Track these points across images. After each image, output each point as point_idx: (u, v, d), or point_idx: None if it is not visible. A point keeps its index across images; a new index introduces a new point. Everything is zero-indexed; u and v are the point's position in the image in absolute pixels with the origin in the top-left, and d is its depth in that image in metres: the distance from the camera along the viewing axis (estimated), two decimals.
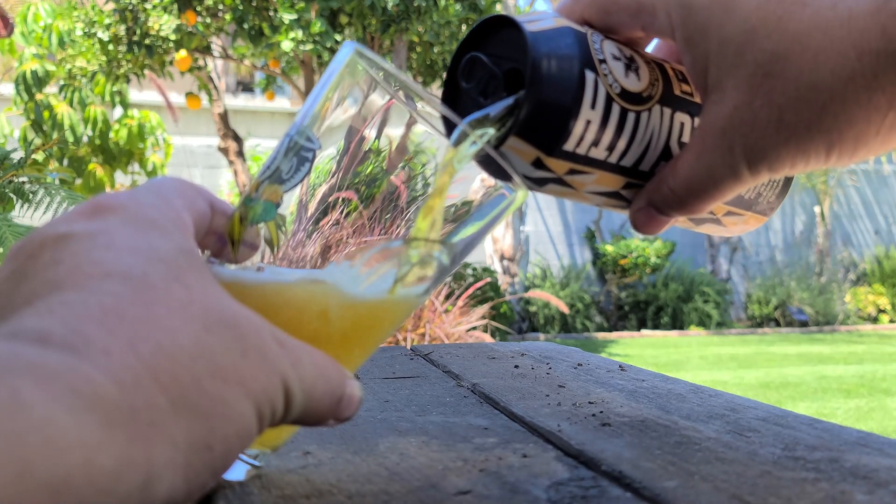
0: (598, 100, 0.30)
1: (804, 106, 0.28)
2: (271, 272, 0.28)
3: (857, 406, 3.87)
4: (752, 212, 0.36)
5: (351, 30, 4.63)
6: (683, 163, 0.31)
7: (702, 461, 0.31)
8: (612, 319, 8.25)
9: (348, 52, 0.28)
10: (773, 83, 0.28)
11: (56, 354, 0.18)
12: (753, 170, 0.30)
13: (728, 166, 0.30)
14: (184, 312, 0.20)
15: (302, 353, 0.23)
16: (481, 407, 0.43)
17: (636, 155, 0.32)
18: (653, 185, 0.33)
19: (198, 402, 0.19)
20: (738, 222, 0.36)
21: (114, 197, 0.24)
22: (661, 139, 0.33)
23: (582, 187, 0.33)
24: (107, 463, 0.17)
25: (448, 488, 0.28)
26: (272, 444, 0.30)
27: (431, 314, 3.92)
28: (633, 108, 0.31)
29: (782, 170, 0.30)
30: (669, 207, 0.32)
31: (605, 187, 0.33)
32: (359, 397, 0.26)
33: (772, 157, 0.29)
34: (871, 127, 0.27)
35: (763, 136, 0.29)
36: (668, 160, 0.33)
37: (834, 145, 0.28)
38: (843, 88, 0.27)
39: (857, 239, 9.66)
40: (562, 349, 0.66)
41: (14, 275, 0.21)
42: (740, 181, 0.30)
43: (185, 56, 5.01)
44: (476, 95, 0.33)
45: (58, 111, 5.14)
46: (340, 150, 0.28)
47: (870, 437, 0.34)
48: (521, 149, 0.31)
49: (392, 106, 0.28)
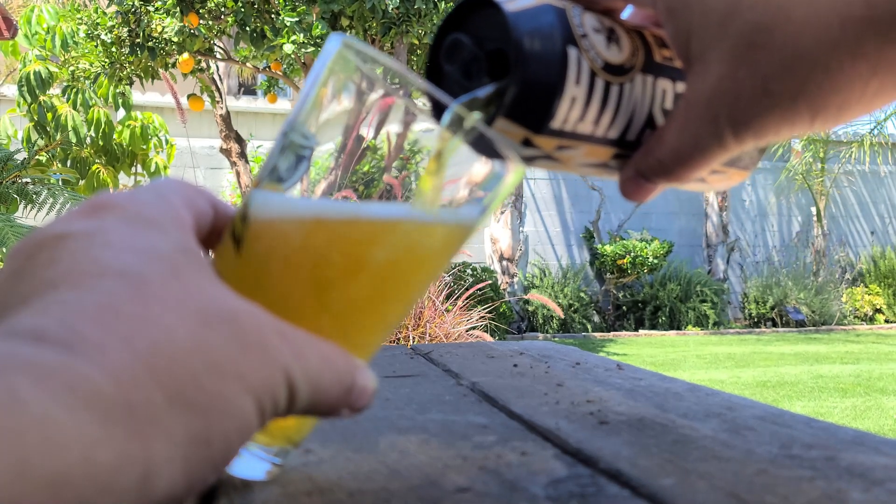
0: (581, 76, 0.31)
1: (788, 75, 0.28)
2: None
3: (854, 405, 3.88)
4: (736, 168, 0.36)
5: (352, 32, 4.63)
6: (669, 133, 0.32)
7: (699, 459, 0.31)
8: (610, 319, 8.26)
9: (336, 45, 0.27)
10: (757, 54, 0.28)
11: (52, 352, 0.18)
12: (738, 138, 0.30)
13: (713, 136, 0.30)
14: (181, 309, 0.20)
15: (306, 345, 0.23)
16: (480, 405, 0.43)
17: (621, 126, 0.33)
18: (640, 155, 0.33)
19: (196, 397, 0.19)
20: (721, 179, 0.37)
21: (112, 196, 0.24)
22: (645, 108, 0.33)
23: (570, 161, 0.33)
24: (105, 459, 0.17)
25: (447, 486, 0.28)
26: (293, 439, 0.30)
27: (431, 314, 3.93)
28: (616, 79, 0.32)
29: (767, 137, 0.30)
30: (657, 176, 0.33)
31: (593, 159, 0.34)
32: (373, 387, 0.26)
33: (756, 126, 0.29)
34: (854, 93, 0.28)
35: (748, 106, 0.29)
36: (652, 128, 0.33)
37: (818, 112, 0.29)
38: (827, 57, 0.27)
39: (854, 239, 9.68)
40: (560, 348, 0.66)
41: (13, 274, 0.21)
42: (726, 149, 0.31)
43: (188, 58, 5.01)
44: (459, 77, 0.33)
45: (61, 113, 5.13)
46: (339, 146, 0.28)
47: (866, 436, 0.35)
48: (508, 129, 0.31)
49: (388, 99, 0.27)
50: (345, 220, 0.27)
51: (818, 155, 9.35)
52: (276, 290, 0.27)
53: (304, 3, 4.46)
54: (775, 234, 9.47)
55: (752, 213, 9.45)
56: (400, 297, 0.29)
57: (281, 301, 0.27)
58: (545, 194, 8.66)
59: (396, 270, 0.27)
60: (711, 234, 8.85)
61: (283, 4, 4.48)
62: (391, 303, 0.28)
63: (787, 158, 9.59)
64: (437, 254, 0.28)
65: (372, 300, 0.27)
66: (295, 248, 0.27)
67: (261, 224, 0.27)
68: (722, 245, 8.84)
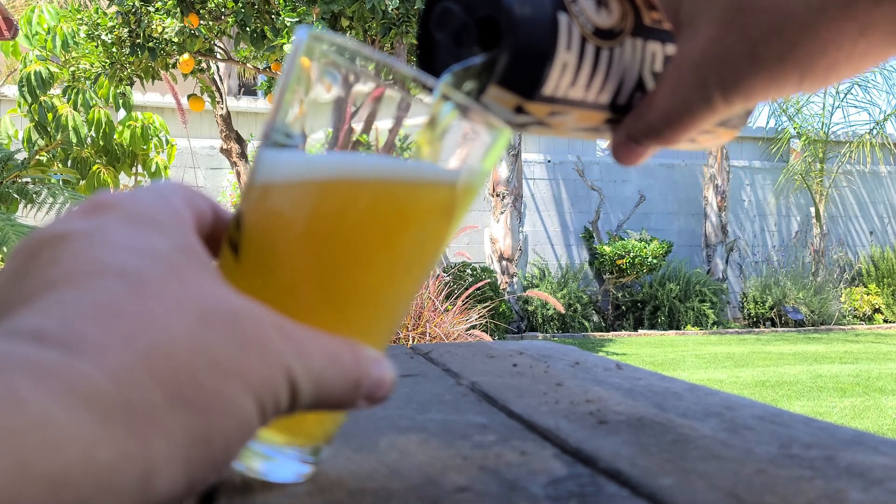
0: (572, 41, 0.31)
1: (777, 38, 0.28)
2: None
3: (853, 405, 3.88)
4: (725, 128, 0.36)
5: (352, 33, 4.63)
6: (659, 97, 0.32)
7: (698, 459, 0.31)
8: (610, 319, 8.26)
9: (303, 39, 0.27)
10: (746, 17, 0.29)
11: (52, 352, 0.18)
12: (728, 101, 0.30)
13: (703, 99, 0.31)
14: (180, 308, 0.20)
15: (308, 342, 0.23)
16: (480, 405, 0.43)
17: (612, 90, 0.33)
18: (631, 119, 0.34)
19: (195, 396, 0.19)
20: (711, 139, 0.37)
21: (112, 196, 0.24)
22: (635, 71, 0.33)
23: (562, 126, 0.33)
24: (105, 458, 0.17)
25: (447, 485, 0.28)
26: (325, 436, 0.30)
27: (431, 313, 3.93)
28: (607, 44, 0.32)
29: (756, 99, 0.31)
30: (648, 139, 0.33)
31: (585, 124, 0.34)
32: (391, 377, 0.25)
33: (745, 89, 0.30)
34: (842, 54, 0.28)
35: (737, 70, 0.29)
36: (643, 91, 0.33)
37: (806, 74, 0.29)
38: (815, 19, 0.27)
39: (853, 239, 9.69)
40: (559, 348, 0.66)
41: (14, 274, 0.21)
42: (715, 112, 0.31)
43: (189, 59, 5.01)
44: (450, 45, 0.33)
45: (61, 113, 5.13)
46: (329, 138, 0.28)
47: (865, 436, 0.35)
48: (501, 97, 0.31)
49: (369, 85, 0.27)
50: (338, 177, 0.26)
51: (817, 155, 9.35)
52: (280, 276, 0.27)
53: (304, 4, 4.46)
54: (774, 234, 9.48)
55: (752, 214, 9.45)
56: (408, 269, 0.28)
57: (286, 290, 0.26)
58: (545, 194, 8.67)
59: (400, 232, 0.27)
60: (710, 234, 8.86)
61: (284, 5, 4.48)
62: (397, 276, 0.28)
63: (786, 158, 9.59)
64: (433, 214, 0.28)
65: (374, 268, 0.27)
66: (293, 216, 0.26)
67: (259, 197, 0.27)
68: (721, 245, 8.84)
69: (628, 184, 8.94)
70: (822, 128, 9.48)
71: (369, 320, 0.28)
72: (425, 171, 0.28)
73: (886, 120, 9.38)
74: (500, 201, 7.70)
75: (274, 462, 0.28)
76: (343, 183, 0.26)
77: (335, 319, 0.27)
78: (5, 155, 1.90)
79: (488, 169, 0.29)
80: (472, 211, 5.33)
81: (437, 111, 0.27)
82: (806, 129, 9.47)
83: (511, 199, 7.71)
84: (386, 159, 0.28)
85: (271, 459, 0.28)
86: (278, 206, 0.27)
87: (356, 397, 0.25)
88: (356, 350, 0.25)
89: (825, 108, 9.55)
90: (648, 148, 0.33)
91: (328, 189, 0.26)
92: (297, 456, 0.29)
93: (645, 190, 8.93)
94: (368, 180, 0.26)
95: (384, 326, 0.29)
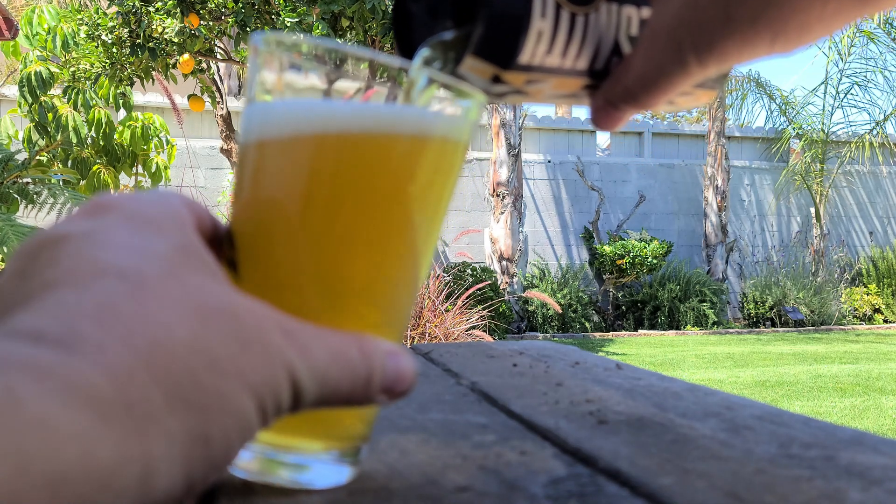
0: (547, 9, 0.31)
1: (749, 0, 0.29)
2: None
3: (853, 405, 3.88)
4: (703, 89, 0.37)
5: (352, 33, 4.63)
6: (635, 62, 0.32)
7: (698, 459, 0.31)
8: (610, 319, 8.26)
9: (257, 47, 0.27)
10: None
11: (50, 351, 0.18)
12: (702, 64, 0.31)
13: (677, 62, 0.31)
14: (179, 307, 0.21)
15: (312, 339, 0.23)
16: (480, 405, 0.43)
17: (589, 56, 0.33)
18: (608, 84, 0.34)
19: (194, 395, 0.19)
20: (690, 100, 0.37)
21: (112, 197, 0.24)
22: (611, 36, 0.33)
23: (540, 93, 0.34)
24: (104, 457, 0.17)
25: (447, 485, 0.28)
26: (361, 436, 0.29)
27: (431, 314, 3.93)
28: (582, 9, 0.32)
29: (730, 61, 0.31)
30: (625, 103, 0.33)
31: (563, 90, 0.34)
32: (410, 371, 0.25)
33: (719, 51, 0.30)
34: (813, 14, 0.28)
35: (710, 33, 0.30)
36: (619, 56, 0.34)
37: (778, 35, 0.29)
38: None
39: (853, 239, 9.69)
40: (559, 348, 0.66)
41: (14, 276, 0.22)
42: (690, 75, 0.31)
43: (189, 59, 5.01)
44: (426, 17, 0.33)
45: (62, 113, 5.14)
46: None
47: (864, 436, 0.35)
48: (478, 67, 0.31)
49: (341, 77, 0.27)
50: (324, 129, 0.26)
51: (817, 155, 9.35)
52: (279, 262, 0.26)
53: (304, 4, 4.46)
54: (774, 234, 9.48)
55: (752, 214, 9.45)
56: (403, 234, 0.27)
57: (287, 282, 0.26)
58: (545, 194, 8.67)
59: (390, 182, 0.26)
60: (710, 235, 8.86)
61: (284, 5, 4.48)
62: (395, 243, 0.27)
63: (786, 158, 9.59)
64: (419, 165, 0.27)
65: (372, 230, 0.26)
66: (282, 174, 0.26)
67: (246, 159, 0.27)
68: (721, 245, 8.84)
69: (628, 184, 8.94)
70: (822, 128, 9.48)
71: (376, 302, 0.27)
72: (406, 115, 0.27)
73: (886, 120, 9.38)
74: (501, 201, 7.70)
75: (314, 470, 0.28)
76: (331, 136, 0.26)
77: (339, 308, 0.27)
78: (6, 155, 1.90)
79: (473, 118, 0.29)
80: (472, 211, 5.32)
81: (414, 84, 0.27)
82: (806, 129, 9.48)
83: (511, 199, 7.71)
84: (372, 106, 0.28)
85: (308, 468, 0.28)
86: (268, 165, 0.27)
87: (369, 393, 0.24)
88: (366, 344, 0.24)
89: (825, 108, 9.56)
90: (626, 112, 0.34)
91: (314, 143, 0.26)
92: (338, 459, 0.28)
93: (645, 190, 8.93)
94: (353, 132, 0.26)
95: (391, 311, 0.28)
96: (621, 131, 9.30)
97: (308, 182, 0.26)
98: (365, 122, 0.26)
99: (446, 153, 0.28)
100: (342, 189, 0.26)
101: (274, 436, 0.27)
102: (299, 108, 0.27)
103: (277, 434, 0.27)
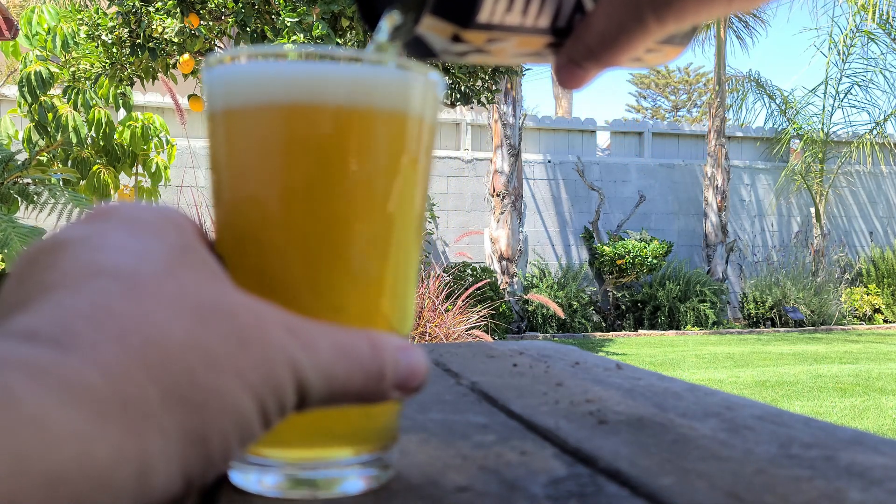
0: None
1: None
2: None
3: (853, 405, 3.88)
4: (671, 45, 0.36)
5: (352, 33, 4.64)
6: (596, 20, 0.32)
7: (698, 459, 0.31)
8: (610, 319, 8.26)
9: (210, 71, 0.28)
10: None
11: (45, 350, 0.18)
12: (661, 21, 0.31)
13: (636, 20, 0.31)
14: (176, 306, 0.21)
15: (317, 336, 0.23)
16: (480, 405, 0.43)
17: (550, 13, 0.32)
18: (571, 42, 0.34)
19: (190, 393, 0.19)
20: (657, 57, 0.37)
21: (112, 205, 0.25)
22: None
23: (503, 53, 0.33)
24: (101, 455, 0.17)
25: (447, 485, 0.28)
26: (391, 436, 0.29)
27: (431, 314, 3.93)
28: None
29: (688, 19, 0.31)
30: (588, 62, 0.33)
31: (526, 49, 0.34)
32: (422, 366, 0.24)
33: (676, 9, 0.30)
34: None
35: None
36: (582, 13, 0.33)
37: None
38: None
39: (853, 239, 9.69)
40: (559, 348, 0.66)
41: (15, 280, 0.22)
42: (649, 33, 0.31)
43: (189, 59, 5.01)
44: None
45: (62, 113, 5.14)
46: None
47: (864, 436, 0.35)
48: (437, 27, 0.31)
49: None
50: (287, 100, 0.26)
51: (817, 155, 9.36)
52: (265, 249, 0.26)
53: (304, 4, 4.47)
54: (774, 234, 9.48)
55: (752, 214, 9.45)
56: (384, 205, 0.27)
57: (276, 272, 0.26)
58: (544, 194, 8.67)
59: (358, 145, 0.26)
60: (710, 235, 8.86)
61: (284, 5, 4.48)
62: (377, 214, 0.27)
63: (786, 158, 9.60)
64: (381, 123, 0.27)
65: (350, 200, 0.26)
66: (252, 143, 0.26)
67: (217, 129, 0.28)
68: (721, 245, 8.84)
69: (628, 184, 8.95)
70: (822, 128, 9.49)
71: (371, 282, 0.27)
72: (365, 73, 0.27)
73: (886, 120, 9.39)
74: (501, 202, 7.70)
75: (349, 482, 0.28)
76: (302, 105, 0.26)
77: (336, 296, 0.26)
78: (6, 156, 1.90)
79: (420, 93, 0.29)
80: (472, 211, 5.32)
81: (383, 49, 0.28)
82: (806, 129, 9.48)
83: (511, 199, 7.71)
84: (337, 65, 0.27)
85: (341, 480, 0.27)
86: (236, 134, 0.27)
87: (382, 389, 0.24)
88: (376, 340, 0.24)
89: (825, 108, 9.56)
90: (590, 70, 0.34)
91: (282, 111, 0.26)
92: (370, 462, 0.28)
93: (645, 190, 8.93)
94: (329, 103, 0.26)
95: (390, 297, 0.28)
96: (621, 131, 9.30)
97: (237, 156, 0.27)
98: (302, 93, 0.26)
99: (392, 126, 0.27)
100: (317, 151, 0.26)
101: (303, 451, 0.27)
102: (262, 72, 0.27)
103: (306, 449, 0.27)
